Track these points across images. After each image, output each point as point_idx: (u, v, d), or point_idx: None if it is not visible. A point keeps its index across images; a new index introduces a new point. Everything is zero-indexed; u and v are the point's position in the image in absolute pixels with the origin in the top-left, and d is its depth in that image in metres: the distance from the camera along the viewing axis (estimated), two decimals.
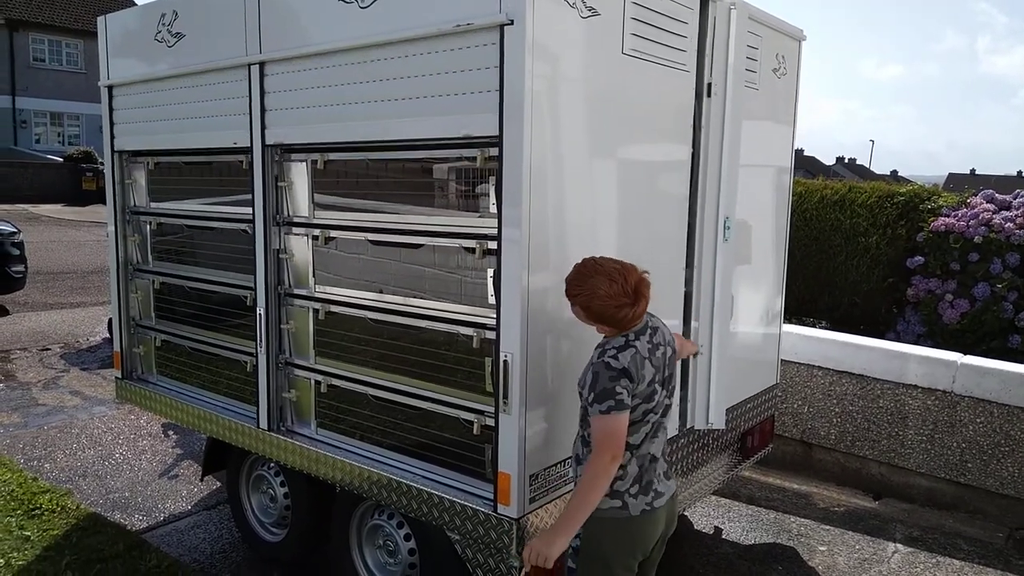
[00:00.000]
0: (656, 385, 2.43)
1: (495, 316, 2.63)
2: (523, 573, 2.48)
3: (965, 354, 4.93)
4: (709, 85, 3.29)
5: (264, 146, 3.33)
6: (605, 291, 2.36)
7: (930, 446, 4.83)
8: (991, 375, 4.60)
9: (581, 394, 2.40)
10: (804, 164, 42.86)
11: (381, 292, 3.11)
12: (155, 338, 4.24)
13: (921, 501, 4.88)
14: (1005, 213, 6.89)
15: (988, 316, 6.58)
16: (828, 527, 4.52)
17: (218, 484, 4.73)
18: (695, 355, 3.31)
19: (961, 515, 4.71)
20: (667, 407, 2.52)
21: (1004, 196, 7.24)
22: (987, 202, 7.12)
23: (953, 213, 7.10)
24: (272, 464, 3.81)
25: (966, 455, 4.71)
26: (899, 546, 4.31)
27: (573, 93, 2.68)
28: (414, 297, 3.00)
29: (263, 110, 3.31)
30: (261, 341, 3.47)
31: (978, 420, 4.65)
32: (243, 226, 3.56)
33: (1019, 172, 49.60)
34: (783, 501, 4.87)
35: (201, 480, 4.69)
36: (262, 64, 3.27)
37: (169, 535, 4.22)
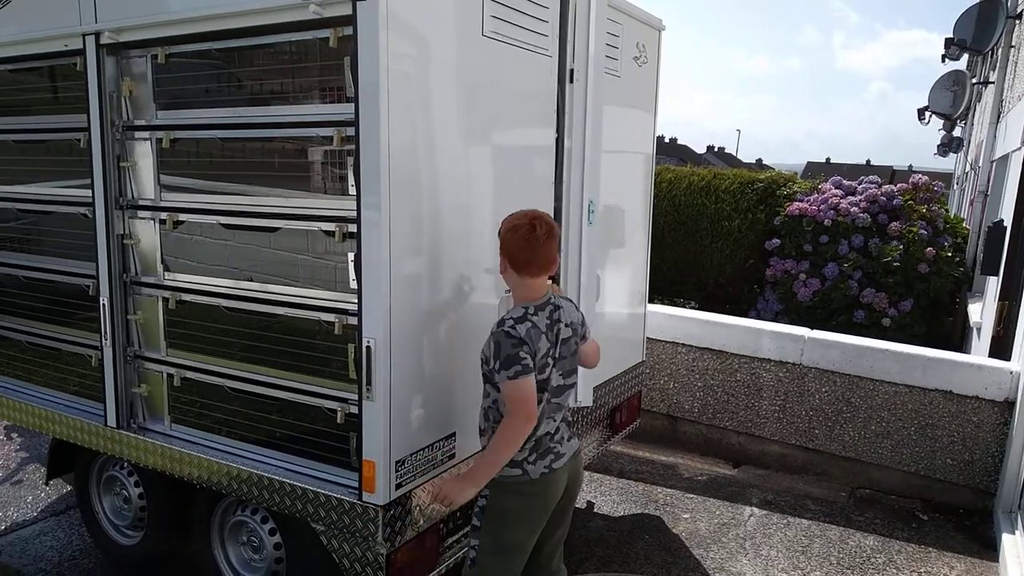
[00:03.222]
0: (549, 359, 2.49)
1: (357, 301, 2.57)
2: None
3: (814, 329, 5.32)
4: (571, 71, 3.34)
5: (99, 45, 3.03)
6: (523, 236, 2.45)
7: (782, 415, 5.18)
8: (834, 347, 4.99)
9: (485, 364, 2.46)
10: (677, 152, 44.61)
11: (237, 279, 2.96)
12: None
13: (775, 467, 5.24)
14: (851, 198, 7.47)
15: (836, 293, 7.13)
16: (692, 495, 4.76)
17: (68, 488, 4.40)
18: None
19: (809, 478, 5.09)
20: (560, 387, 2.57)
21: (850, 183, 7.83)
22: (835, 188, 7.68)
23: (806, 198, 7.62)
24: (124, 464, 3.58)
25: (813, 422, 5.09)
26: (755, 509, 4.61)
27: (432, 73, 2.64)
28: (272, 283, 2.88)
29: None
30: (106, 333, 3.23)
31: (823, 389, 5.03)
32: (83, 210, 3.30)
33: (868, 161, 54.00)
34: (651, 473, 5.09)
35: (46, 484, 4.35)
36: (98, 34, 3.02)
37: (12, 545, 3.90)
